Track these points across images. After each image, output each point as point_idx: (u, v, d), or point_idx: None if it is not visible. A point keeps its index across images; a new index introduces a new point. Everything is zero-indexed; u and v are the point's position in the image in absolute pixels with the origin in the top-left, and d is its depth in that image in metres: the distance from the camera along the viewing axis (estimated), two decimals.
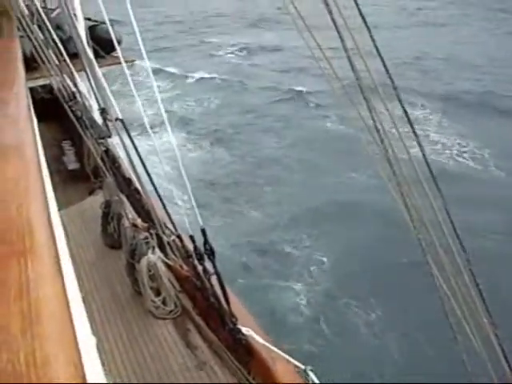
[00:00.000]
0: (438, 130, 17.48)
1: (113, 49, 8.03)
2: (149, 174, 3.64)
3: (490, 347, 2.47)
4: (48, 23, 5.31)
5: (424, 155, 2.51)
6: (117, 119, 3.65)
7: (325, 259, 10.58)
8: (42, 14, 5.45)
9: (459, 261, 2.46)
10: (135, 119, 6.20)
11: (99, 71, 4.10)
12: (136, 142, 3.72)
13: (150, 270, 4.44)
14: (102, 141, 4.51)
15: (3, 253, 0.81)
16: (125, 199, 4.98)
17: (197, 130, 18.49)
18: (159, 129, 8.15)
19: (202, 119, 19.70)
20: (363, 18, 2.31)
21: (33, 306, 0.70)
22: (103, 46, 7.82)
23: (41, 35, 5.10)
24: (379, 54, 2.52)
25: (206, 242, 3.40)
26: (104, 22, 9.19)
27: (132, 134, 3.69)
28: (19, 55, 3.25)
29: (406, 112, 2.52)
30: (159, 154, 3.42)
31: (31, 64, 5.61)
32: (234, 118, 19.76)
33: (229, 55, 31.33)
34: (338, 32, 2.22)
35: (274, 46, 31.84)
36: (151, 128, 3.58)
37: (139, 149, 3.65)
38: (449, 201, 2.52)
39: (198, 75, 26.45)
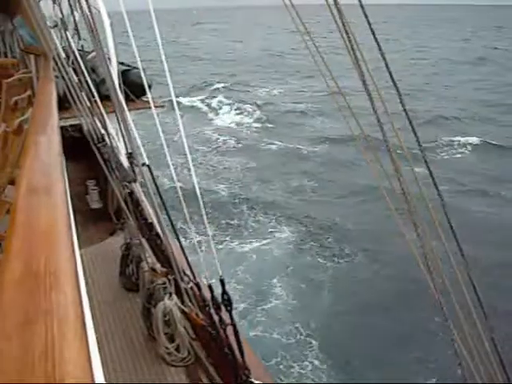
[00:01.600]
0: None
1: (144, 93, 8.21)
2: (171, 220, 3.65)
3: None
4: (83, 65, 5.47)
5: (449, 222, 2.48)
6: (143, 164, 3.70)
7: None
8: (78, 57, 5.62)
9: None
10: None
11: (129, 115, 4.18)
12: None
13: (165, 316, 4.41)
14: (127, 183, 4.55)
15: (30, 310, 0.81)
16: (145, 243, 4.99)
17: None
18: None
19: None
20: (394, 82, 2.34)
21: (57, 368, 0.70)
22: (134, 90, 7.99)
23: (75, 77, 5.23)
24: (406, 115, 2.54)
25: (224, 292, 3.38)
26: (136, 67, 9.47)
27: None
28: (54, 96, 3.33)
29: (430, 171, 2.52)
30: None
31: (63, 104, 5.75)
32: None
33: None
34: (369, 94, 2.25)
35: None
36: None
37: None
38: None
39: None
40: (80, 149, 7.68)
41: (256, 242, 13.77)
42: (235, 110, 31.43)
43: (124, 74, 8.28)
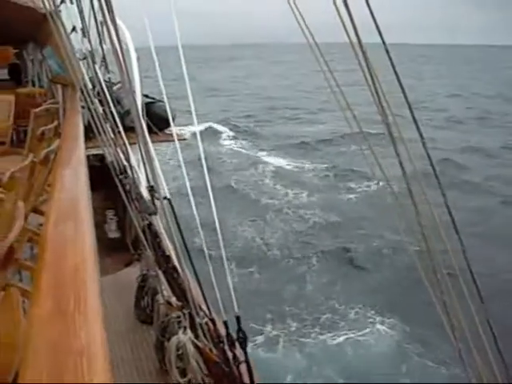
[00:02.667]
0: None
1: (166, 126, 8.34)
2: (189, 255, 3.66)
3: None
4: (109, 97, 5.57)
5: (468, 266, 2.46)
6: (164, 198, 3.72)
7: None
8: (104, 88, 5.73)
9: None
10: None
11: (152, 148, 4.23)
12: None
13: (178, 350, 4.37)
14: (146, 215, 4.58)
15: (60, 349, 0.82)
16: (161, 275, 4.99)
17: None
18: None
19: None
20: (418, 129, 2.35)
21: None
22: (157, 122, 8.12)
23: (100, 108, 5.33)
24: (430, 161, 2.54)
25: (239, 329, 3.36)
26: (160, 100, 9.64)
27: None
28: (81, 128, 3.40)
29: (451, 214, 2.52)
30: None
31: (87, 133, 5.85)
32: None
33: None
34: (392, 139, 2.27)
35: None
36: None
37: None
38: None
39: None
40: (100, 178, 7.79)
41: (352, 334, 11.80)
42: (282, 153, 29.74)
43: (147, 107, 8.43)
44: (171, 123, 4.47)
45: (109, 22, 3.77)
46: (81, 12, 6.57)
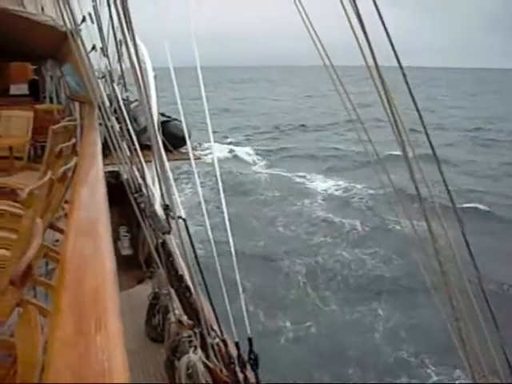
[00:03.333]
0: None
1: (181, 144, 8.41)
2: (202, 275, 3.66)
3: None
4: (126, 114, 5.63)
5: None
6: (179, 217, 3.73)
7: None
8: (122, 106, 5.80)
9: None
10: None
11: (168, 166, 4.26)
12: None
13: (188, 369, 4.35)
14: (161, 234, 4.60)
15: (82, 372, 0.82)
16: (174, 294, 4.99)
17: None
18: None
19: None
20: (436, 156, 2.36)
21: None
22: (173, 140, 8.17)
23: (117, 125, 5.38)
24: (446, 186, 2.54)
25: (251, 350, 3.35)
26: (176, 119, 9.74)
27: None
28: (99, 147, 3.44)
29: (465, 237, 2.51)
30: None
31: (103, 150, 5.90)
32: None
33: None
34: (409, 166, 2.27)
35: None
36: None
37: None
38: None
39: None
40: (114, 194, 7.83)
41: None
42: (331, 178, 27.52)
43: (163, 125, 8.50)
44: (188, 142, 4.49)
45: (129, 41, 3.84)
46: (100, 31, 6.69)
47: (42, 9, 10.89)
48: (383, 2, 2.66)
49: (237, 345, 3.51)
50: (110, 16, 5.99)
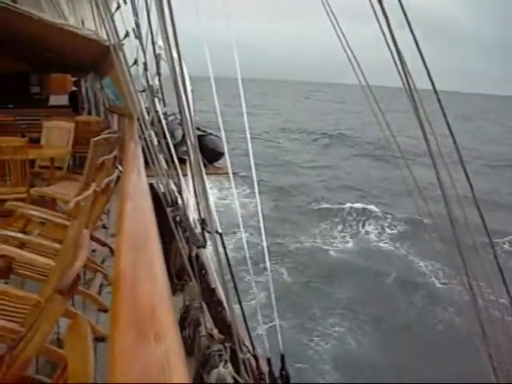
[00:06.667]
0: None
1: (216, 159, 8.51)
2: (237, 290, 3.68)
3: None
4: (166, 128, 5.71)
5: None
6: (216, 232, 3.76)
7: None
8: (162, 119, 5.88)
9: None
10: None
11: (206, 180, 4.30)
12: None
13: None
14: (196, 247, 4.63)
15: None
16: (205, 307, 5.01)
17: None
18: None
19: None
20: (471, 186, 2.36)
21: None
22: (207, 155, 8.26)
23: (155, 139, 5.46)
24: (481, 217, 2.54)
25: (283, 367, 3.34)
26: (211, 133, 9.85)
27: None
28: (142, 159, 3.50)
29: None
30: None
31: None
32: None
33: None
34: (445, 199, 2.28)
35: None
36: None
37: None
38: None
39: None
40: None
41: None
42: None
43: (199, 139, 8.59)
44: (226, 156, 4.53)
45: (174, 56, 3.91)
46: (142, 46, 6.84)
47: (82, 22, 11.23)
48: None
49: (268, 361, 3.51)
50: (151, 31, 6.13)
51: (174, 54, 3.62)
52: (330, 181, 30.42)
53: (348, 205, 23.10)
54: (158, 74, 6.39)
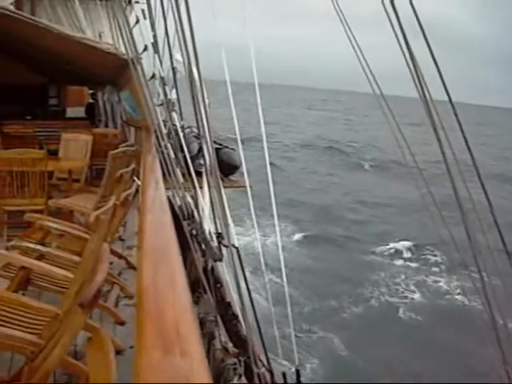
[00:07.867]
0: None
1: (230, 173, 8.52)
2: (253, 304, 3.68)
3: None
4: (183, 142, 5.74)
5: None
6: (233, 245, 3.77)
7: None
8: (180, 133, 5.91)
9: None
10: None
11: (223, 193, 4.31)
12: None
13: None
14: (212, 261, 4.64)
15: None
16: (220, 320, 5.00)
17: None
18: None
19: None
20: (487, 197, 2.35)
21: None
22: (223, 168, 8.26)
23: (172, 152, 5.49)
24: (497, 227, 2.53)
25: (298, 381, 3.34)
26: (227, 146, 9.86)
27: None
28: (160, 173, 3.52)
29: None
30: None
31: None
32: None
33: None
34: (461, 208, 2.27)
35: None
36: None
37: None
38: None
39: None
40: None
41: None
42: None
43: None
44: (244, 170, 4.55)
45: (193, 70, 3.94)
46: (160, 60, 6.91)
47: (100, 35, 11.37)
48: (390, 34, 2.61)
49: (284, 375, 3.50)
50: (169, 45, 6.20)
51: (194, 71, 3.65)
52: None
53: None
54: (176, 87, 6.44)
